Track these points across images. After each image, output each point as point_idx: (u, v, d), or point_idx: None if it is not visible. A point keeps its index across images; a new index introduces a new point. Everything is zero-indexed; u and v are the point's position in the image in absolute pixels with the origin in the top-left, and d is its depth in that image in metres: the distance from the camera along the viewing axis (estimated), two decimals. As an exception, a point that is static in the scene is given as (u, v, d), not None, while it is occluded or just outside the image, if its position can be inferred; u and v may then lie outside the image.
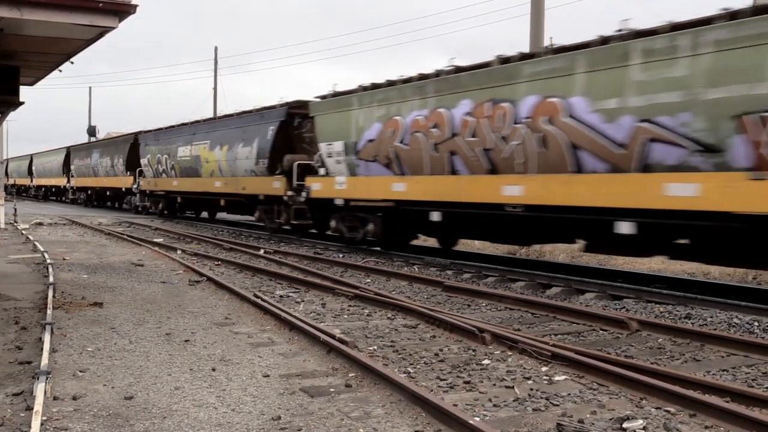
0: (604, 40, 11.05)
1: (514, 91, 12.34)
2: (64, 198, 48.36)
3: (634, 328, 8.35)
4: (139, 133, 33.32)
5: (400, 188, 15.29)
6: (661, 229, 10.45)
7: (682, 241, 10.79)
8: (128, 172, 34.01)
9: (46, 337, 6.90)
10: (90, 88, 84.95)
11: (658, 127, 10.14)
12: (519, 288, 11.78)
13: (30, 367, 6.16)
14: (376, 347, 7.32)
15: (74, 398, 5.38)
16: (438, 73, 14.40)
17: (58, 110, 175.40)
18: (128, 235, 20.37)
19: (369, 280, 12.41)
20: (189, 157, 27.08)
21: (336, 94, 17.78)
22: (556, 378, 6.23)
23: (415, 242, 18.13)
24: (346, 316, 9.08)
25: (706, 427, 5.02)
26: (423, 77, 14.86)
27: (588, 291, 11.07)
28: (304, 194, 19.01)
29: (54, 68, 12.05)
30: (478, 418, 4.94)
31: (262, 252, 16.68)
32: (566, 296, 11.03)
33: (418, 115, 14.62)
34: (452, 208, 14.00)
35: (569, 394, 5.74)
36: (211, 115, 37.39)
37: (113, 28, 8.45)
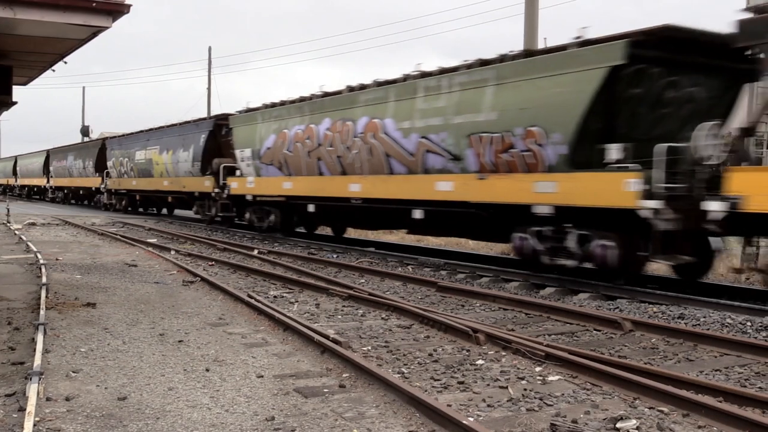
0: (405, 78, 15.22)
1: (354, 113, 16.56)
2: (44, 197, 52.08)
3: (628, 328, 8.37)
4: (106, 138, 38.78)
5: (288, 186, 19.51)
6: (437, 214, 14.51)
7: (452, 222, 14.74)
8: (97, 173, 38.23)
9: (39, 338, 6.88)
10: (83, 88, 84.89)
11: (430, 142, 14.20)
12: (513, 288, 11.80)
13: (23, 367, 6.14)
14: (370, 347, 7.32)
15: (67, 399, 5.37)
16: (311, 97, 18.76)
17: (52, 110, 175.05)
18: (121, 236, 20.32)
19: (363, 281, 12.41)
20: (144, 160, 31.30)
21: (247, 110, 22.05)
22: (550, 378, 6.24)
23: (319, 231, 22.78)
24: (340, 317, 9.08)
25: (699, 427, 5.04)
26: (302, 99, 19.24)
27: (581, 291, 11.09)
28: (226, 191, 23.32)
29: (47, 68, 12.01)
30: (472, 419, 4.95)
31: (256, 252, 16.66)
32: (560, 296, 11.05)
33: (298, 128, 18.83)
34: (321, 201, 18.30)
35: (563, 394, 5.75)
36: (205, 114, 38.41)
37: (107, 27, 8.43)
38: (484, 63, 13.16)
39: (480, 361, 6.80)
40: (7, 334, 7.46)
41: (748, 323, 8.67)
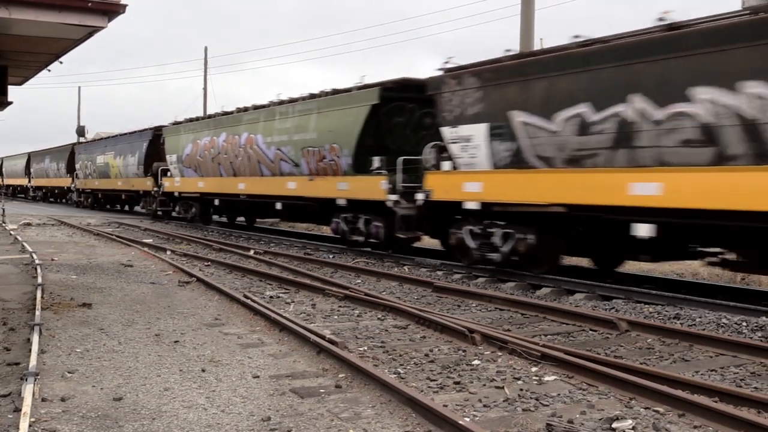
0: (270, 104, 20.61)
1: (239, 129, 22.14)
2: (26, 196, 57.89)
3: (624, 329, 8.38)
4: (75, 144, 44.95)
5: (201, 185, 25.05)
6: (290, 206, 19.90)
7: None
8: (68, 175, 43.88)
9: (35, 338, 6.86)
10: (79, 87, 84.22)
11: (282, 153, 19.53)
12: (509, 288, 11.81)
13: (18, 368, 6.12)
14: (366, 348, 7.32)
15: (63, 399, 5.35)
16: (215, 115, 24.70)
17: (49, 110, 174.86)
18: (117, 236, 20.29)
19: (359, 281, 12.41)
20: (103, 163, 36.72)
21: (174, 123, 28.01)
22: (546, 378, 6.25)
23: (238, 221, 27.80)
24: (336, 317, 9.08)
25: (695, 427, 5.05)
26: (209, 116, 25.48)
27: (577, 291, 11.11)
28: (161, 189, 28.57)
29: (43, 68, 12.00)
30: (468, 419, 4.95)
31: (252, 253, 16.65)
32: (556, 297, 11.07)
33: (206, 140, 24.48)
34: (222, 197, 24.20)
35: (559, 394, 5.76)
36: (201, 114, 38.98)
37: (102, 27, 8.43)
38: (312, 96, 18.74)
39: (476, 362, 6.80)
40: (2, 334, 7.44)
41: (744, 323, 8.69)
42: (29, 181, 55.15)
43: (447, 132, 13.79)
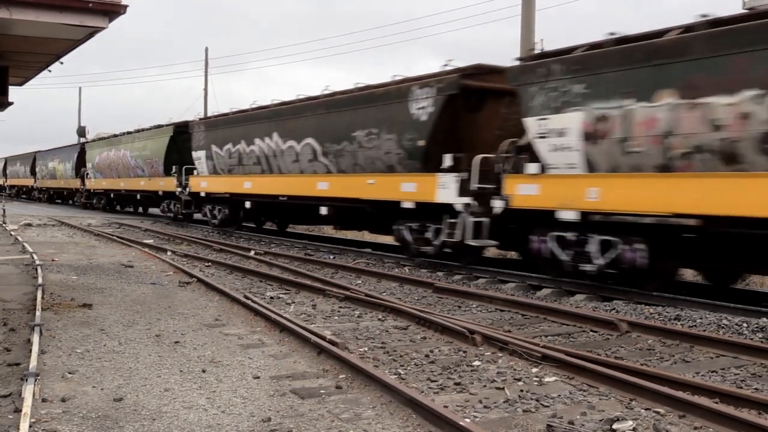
0: (137, 131, 32.99)
1: (122, 146, 34.13)
2: (2, 193, 63.75)
3: (624, 330, 8.38)
4: (37, 152, 53.82)
5: (105, 184, 37.33)
6: (143, 197, 32.85)
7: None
8: (32, 176, 54.53)
9: (35, 339, 6.86)
10: (80, 88, 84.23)
11: (138, 162, 31.72)
12: (510, 289, 11.81)
13: (18, 368, 6.12)
14: (366, 349, 7.31)
15: (63, 400, 5.35)
16: (116, 134, 36.15)
17: (50, 111, 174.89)
18: (118, 236, 20.29)
19: (360, 282, 12.41)
20: (53, 167, 48.30)
21: (96, 139, 40.76)
22: (547, 379, 6.25)
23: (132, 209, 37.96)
24: (336, 318, 9.07)
25: (696, 428, 5.05)
26: (114, 135, 36.82)
27: (578, 292, 11.11)
28: (86, 188, 41.26)
29: (43, 68, 12.00)
30: (468, 420, 4.94)
31: (252, 253, 16.65)
32: (556, 297, 11.06)
33: (109, 152, 36.25)
34: (116, 191, 35.68)
35: (559, 395, 5.75)
36: (201, 114, 39.38)
37: (103, 28, 8.43)
38: (156, 127, 30.51)
39: (477, 363, 6.80)
40: (2, 335, 7.44)
41: (744, 324, 8.69)
42: (6, 181, 58.85)
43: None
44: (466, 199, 13.28)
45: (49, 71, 12.12)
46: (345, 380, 6.05)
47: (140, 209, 36.87)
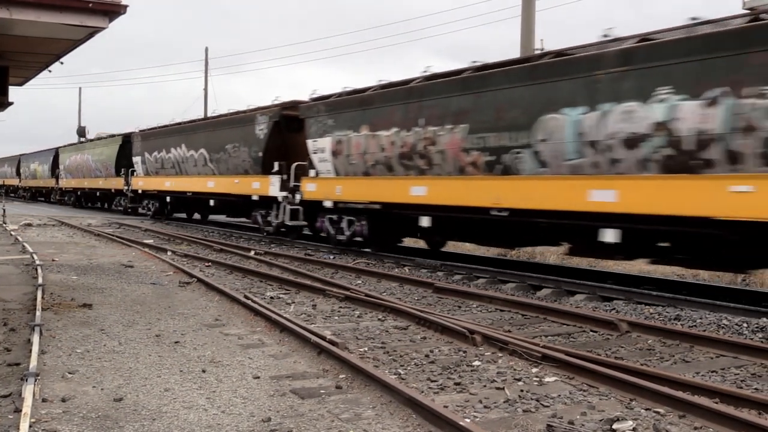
0: (91, 140, 43.69)
1: (86, 152, 40.77)
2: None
3: (624, 330, 8.38)
4: (22, 155, 59.37)
5: (74, 183, 43.21)
6: (102, 194, 40.21)
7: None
8: (17, 176, 60.42)
9: (35, 339, 6.86)
10: (80, 88, 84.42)
11: (98, 165, 38.02)
12: (510, 289, 11.81)
13: (18, 368, 6.12)
14: (366, 349, 7.32)
15: (63, 400, 5.35)
16: (82, 142, 46.67)
17: (51, 111, 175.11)
18: (118, 237, 20.29)
19: (360, 282, 12.41)
20: (34, 169, 54.17)
21: (66, 145, 46.48)
22: (547, 379, 6.25)
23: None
24: (336, 318, 9.07)
25: (696, 428, 5.05)
26: (80, 142, 46.94)
27: (578, 292, 11.11)
28: (59, 186, 47.04)
29: (43, 68, 12.00)
30: (468, 420, 4.94)
31: (252, 253, 16.65)
32: (556, 298, 11.06)
33: (77, 156, 42.45)
34: (82, 189, 42.22)
35: (559, 395, 5.75)
36: (201, 114, 39.71)
37: (103, 28, 8.43)
38: (110, 136, 36.88)
39: (477, 363, 6.80)
40: (2, 335, 7.44)
41: (744, 324, 8.69)
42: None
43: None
44: (285, 193, 19.71)
45: (49, 71, 12.13)
46: (345, 380, 6.05)
47: (105, 205, 42.15)
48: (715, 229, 9.53)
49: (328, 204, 17.59)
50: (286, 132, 20.55)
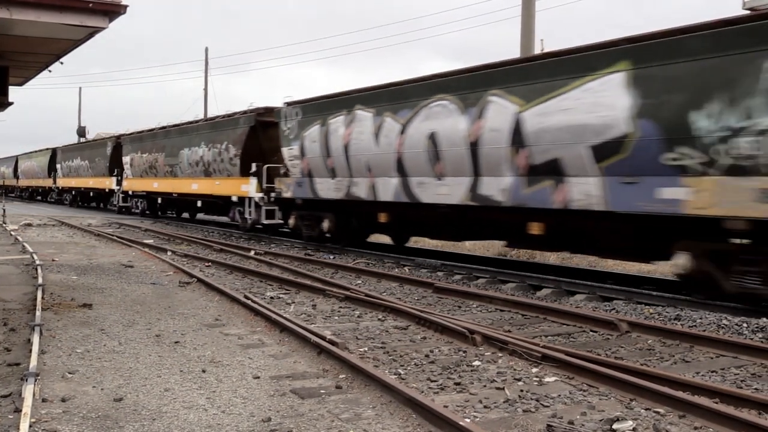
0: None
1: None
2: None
3: (624, 330, 8.38)
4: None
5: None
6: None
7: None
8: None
9: (35, 339, 6.86)
10: (80, 88, 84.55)
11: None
12: (510, 289, 11.80)
13: (18, 368, 6.12)
14: (366, 349, 7.32)
15: (63, 400, 5.35)
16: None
17: (52, 111, 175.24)
18: (118, 237, 20.29)
19: (360, 282, 12.41)
20: (4, 170, 64.72)
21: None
22: (547, 379, 6.25)
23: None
24: (336, 318, 9.08)
25: (696, 428, 5.05)
26: (47, 150, 50.57)
27: (578, 292, 11.11)
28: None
29: (43, 68, 12.01)
30: (468, 420, 4.95)
31: (252, 253, 16.65)
32: (556, 298, 11.06)
33: (29, 162, 55.51)
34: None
35: (559, 395, 5.75)
36: (201, 115, 39.45)
37: (103, 28, 8.44)
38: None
39: (477, 363, 6.80)
40: (2, 335, 7.44)
41: (744, 324, 8.69)
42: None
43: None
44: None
45: (49, 71, 12.13)
46: (345, 380, 6.05)
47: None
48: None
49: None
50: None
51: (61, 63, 11.14)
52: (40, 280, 11.01)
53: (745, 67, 8.79)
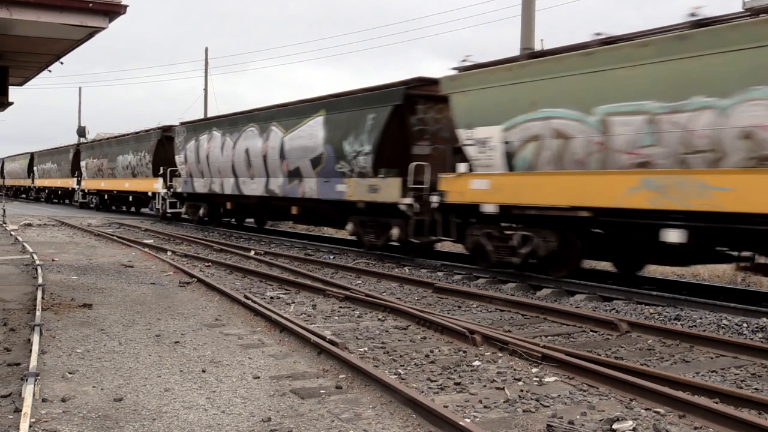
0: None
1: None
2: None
3: (624, 330, 8.38)
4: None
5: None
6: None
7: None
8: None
9: (35, 339, 6.86)
10: (80, 88, 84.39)
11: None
12: (509, 289, 11.80)
13: (18, 368, 6.12)
14: (366, 349, 7.32)
15: (63, 400, 5.35)
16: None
17: (53, 111, 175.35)
18: (118, 237, 20.29)
19: (360, 282, 12.41)
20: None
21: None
22: (547, 379, 6.25)
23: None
24: (336, 318, 9.07)
25: (696, 428, 5.05)
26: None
27: (578, 292, 11.10)
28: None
29: (43, 68, 12.00)
30: (468, 420, 4.95)
31: (252, 253, 16.65)
32: (556, 298, 11.06)
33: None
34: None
35: (559, 395, 5.75)
36: (202, 115, 39.72)
37: (103, 28, 8.43)
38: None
39: (476, 363, 6.80)
40: (2, 335, 7.44)
41: (744, 325, 8.69)
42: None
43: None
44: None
45: (49, 71, 12.12)
46: (345, 380, 6.05)
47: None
48: None
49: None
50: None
51: (61, 63, 11.13)
52: (40, 280, 11.01)
53: (361, 117, 15.87)
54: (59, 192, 49.03)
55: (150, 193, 30.06)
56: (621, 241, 11.85)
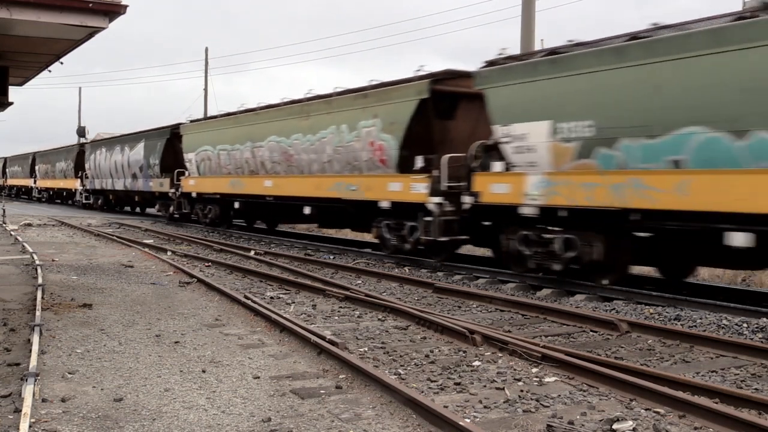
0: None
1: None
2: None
3: (624, 330, 8.38)
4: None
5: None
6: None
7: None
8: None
9: (35, 339, 6.86)
10: (80, 88, 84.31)
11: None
12: (509, 289, 11.80)
13: (18, 368, 6.12)
14: (366, 349, 7.32)
15: (63, 400, 5.35)
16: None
17: (54, 111, 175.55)
18: (118, 237, 20.29)
19: (360, 282, 12.41)
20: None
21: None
22: (547, 379, 6.25)
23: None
24: (336, 318, 9.07)
25: (696, 428, 5.05)
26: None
27: (578, 292, 11.10)
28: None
29: (43, 68, 12.00)
30: (468, 420, 4.95)
31: (252, 253, 16.65)
32: (556, 298, 11.06)
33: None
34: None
35: (559, 395, 5.75)
36: (202, 114, 39.71)
37: (103, 28, 8.44)
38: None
39: (476, 363, 6.80)
40: (2, 335, 7.44)
41: (744, 325, 8.68)
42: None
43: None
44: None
45: (49, 71, 12.13)
46: (345, 380, 6.05)
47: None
48: None
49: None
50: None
51: (61, 63, 11.13)
52: (40, 280, 11.01)
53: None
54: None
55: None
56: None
